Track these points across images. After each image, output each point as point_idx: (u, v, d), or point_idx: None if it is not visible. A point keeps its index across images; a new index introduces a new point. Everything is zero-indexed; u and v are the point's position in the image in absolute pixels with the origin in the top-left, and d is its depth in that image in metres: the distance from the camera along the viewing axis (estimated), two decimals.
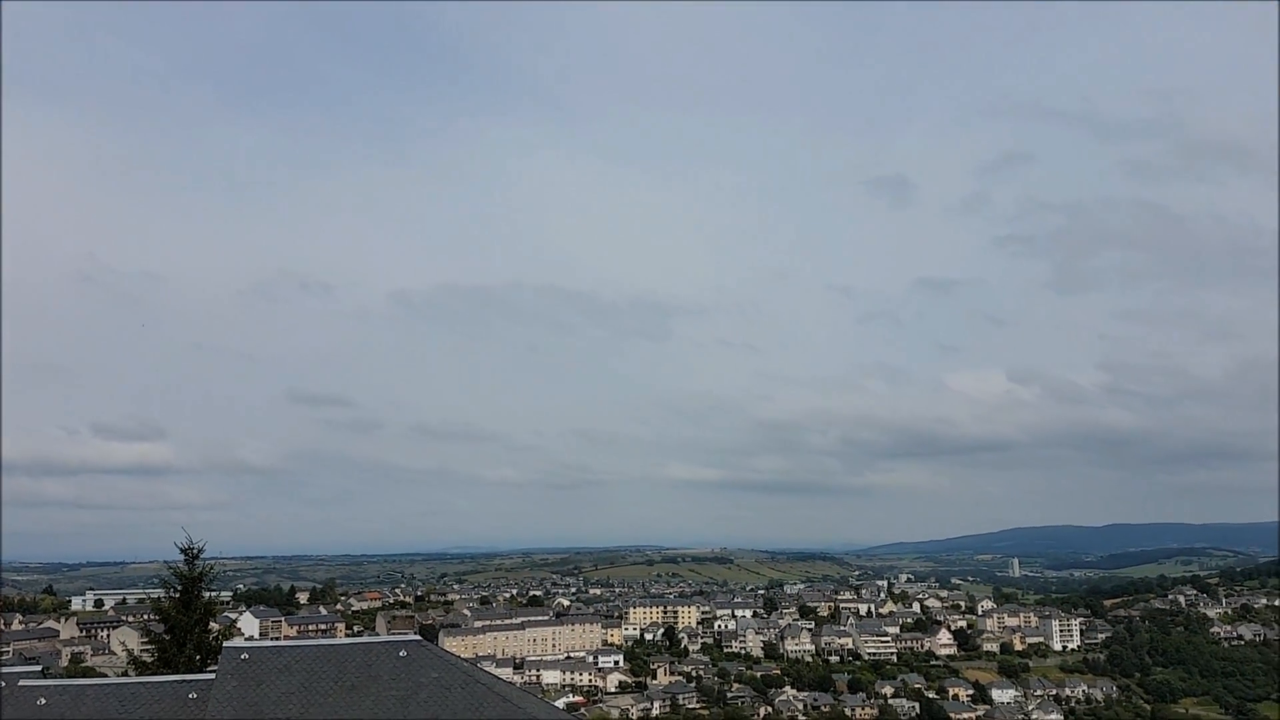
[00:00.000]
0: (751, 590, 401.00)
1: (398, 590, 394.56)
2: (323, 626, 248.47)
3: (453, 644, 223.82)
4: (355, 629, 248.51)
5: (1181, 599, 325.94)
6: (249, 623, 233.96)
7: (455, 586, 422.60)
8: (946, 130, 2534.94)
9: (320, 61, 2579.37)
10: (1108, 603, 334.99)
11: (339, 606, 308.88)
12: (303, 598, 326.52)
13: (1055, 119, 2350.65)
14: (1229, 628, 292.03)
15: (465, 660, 28.14)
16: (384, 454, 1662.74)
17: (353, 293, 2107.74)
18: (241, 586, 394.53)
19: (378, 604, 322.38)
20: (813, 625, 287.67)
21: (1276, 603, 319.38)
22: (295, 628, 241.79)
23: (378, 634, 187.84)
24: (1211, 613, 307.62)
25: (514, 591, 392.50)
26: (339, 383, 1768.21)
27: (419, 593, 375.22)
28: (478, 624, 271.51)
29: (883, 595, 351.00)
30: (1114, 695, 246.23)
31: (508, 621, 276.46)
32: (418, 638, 25.06)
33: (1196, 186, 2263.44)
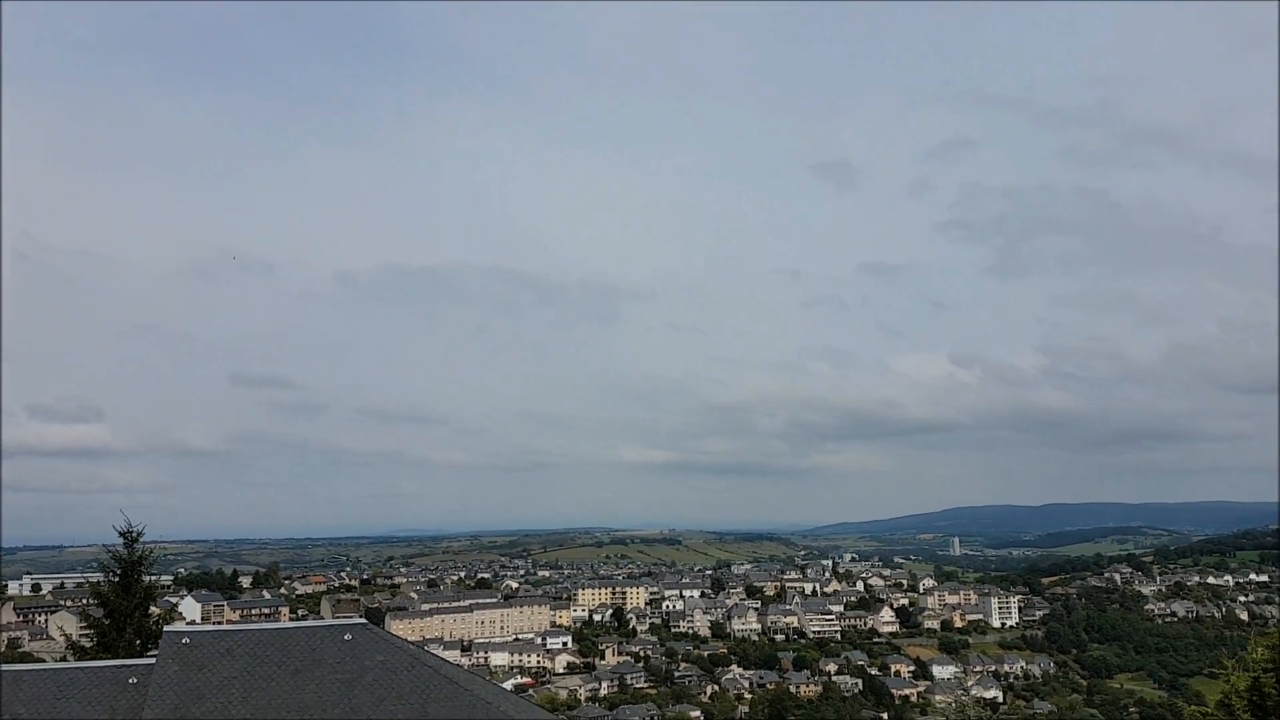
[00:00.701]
0: (699, 571, 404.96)
1: (343, 574, 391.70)
2: (266, 611, 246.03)
3: (399, 627, 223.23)
4: (300, 613, 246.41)
5: (1117, 577, 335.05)
6: (190, 607, 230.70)
7: (402, 570, 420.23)
8: (891, 116, 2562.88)
9: (265, 38, 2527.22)
10: (1045, 581, 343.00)
11: (283, 590, 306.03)
12: (246, 582, 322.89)
13: (996, 105, 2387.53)
14: (1163, 605, 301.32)
15: (412, 643, 28.32)
16: (329, 436, 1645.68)
17: (296, 272, 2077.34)
18: (183, 570, 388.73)
19: (323, 588, 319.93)
20: (759, 605, 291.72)
21: (1209, 580, 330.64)
22: (238, 612, 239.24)
23: (322, 618, 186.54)
24: (1146, 590, 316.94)
25: (462, 574, 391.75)
26: (283, 364, 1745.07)
27: (365, 576, 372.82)
28: (425, 607, 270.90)
29: (828, 575, 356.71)
30: (1051, 671, 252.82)
31: (455, 604, 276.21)
32: (363, 621, 25.12)
33: (1133, 173, 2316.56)
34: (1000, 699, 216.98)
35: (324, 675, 22.13)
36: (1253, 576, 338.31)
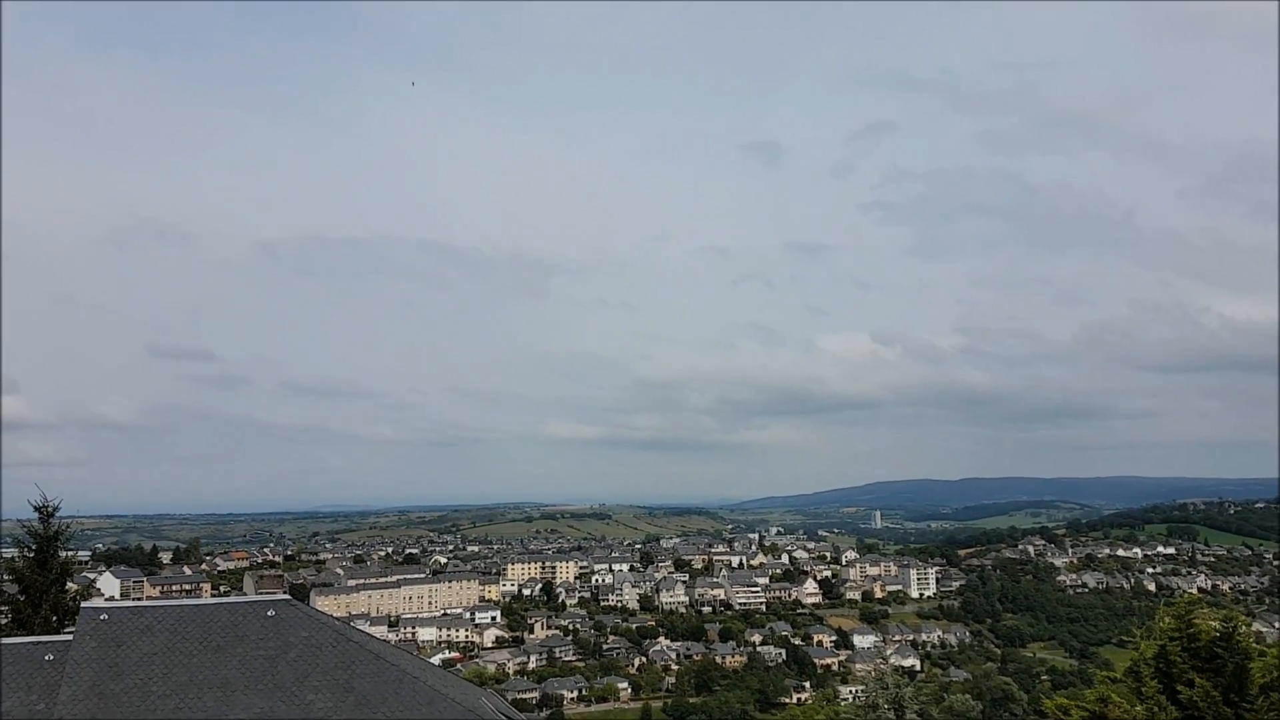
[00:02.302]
0: (629, 545, 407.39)
1: (266, 550, 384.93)
2: (187, 587, 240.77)
3: (325, 603, 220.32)
4: (222, 589, 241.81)
5: (1031, 549, 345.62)
6: (109, 583, 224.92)
7: (328, 546, 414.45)
8: (817, 98, 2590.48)
9: (183, 1, 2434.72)
10: (962, 552, 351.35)
11: (204, 566, 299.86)
12: (166, 558, 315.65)
13: (918, 89, 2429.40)
14: (1074, 576, 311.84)
15: (337, 619, 28.05)
16: (252, 411, 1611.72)
17: (215, 243, 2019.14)
18: (101, 546, 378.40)
19: (245, 564, 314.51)
20: (687, 578, 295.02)
21: (1119, 553, 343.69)
22: (158, 588, 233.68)
23: (245, 594, 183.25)
24: (1058, 562, 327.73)
25: (389, 550, 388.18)
26: (202, 336, 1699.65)
27: (289, 552, 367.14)
28: (351, 583, 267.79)
29: (754, 548, 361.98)
30: (967, 640, 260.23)
31: (383, 580, 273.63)
32: (287, 597, 24.81)
33: (1049, 158, 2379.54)
34: (918, 667, 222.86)
35: (246, 652, 21.88)
36: (1160, 549, 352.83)
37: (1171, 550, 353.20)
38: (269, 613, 23.18)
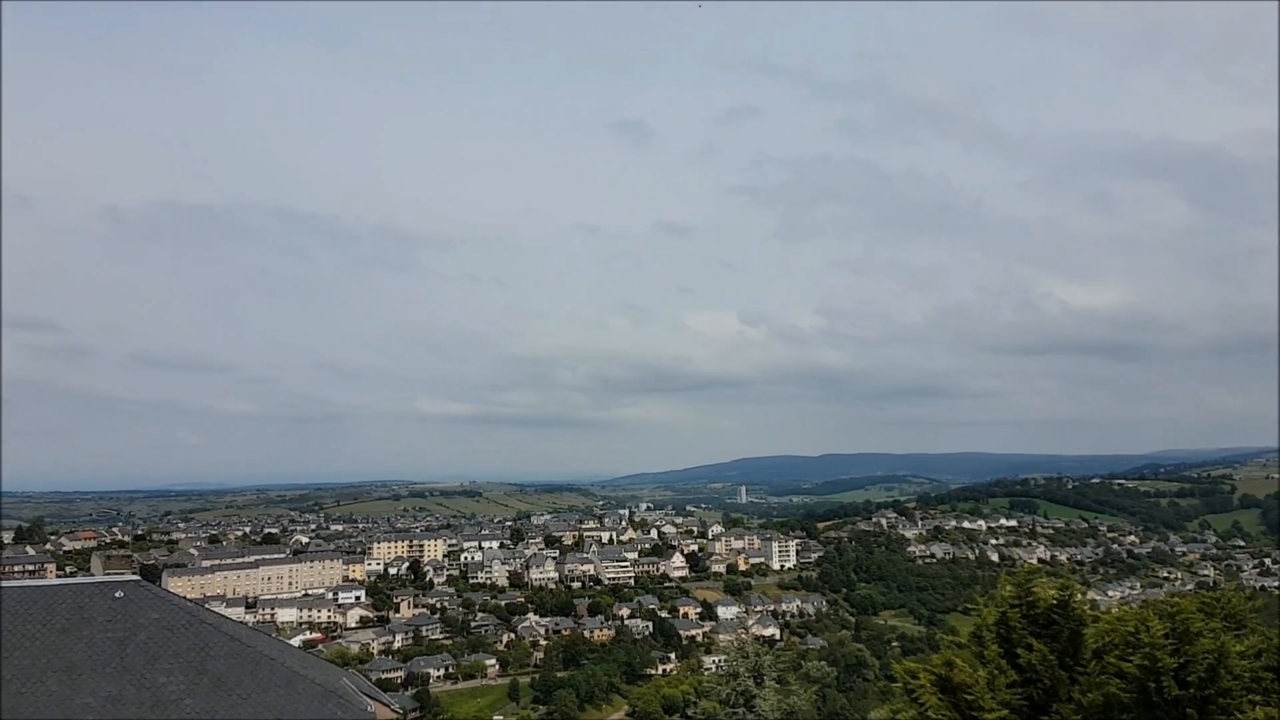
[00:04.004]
0: (499, 523, 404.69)
1: (115, 529, 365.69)
2: (30, 567, 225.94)
3: (177, 584, 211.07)
4: (67, 570, 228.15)
5: (884, 521, 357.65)
6: None
7: (181, 525, 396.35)
8: (684, 80, 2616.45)
9: None
10: (821, 525, 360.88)
11: (48, 546, 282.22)
12: (7, 537, 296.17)
13: (780, 76, 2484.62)
14: (923, 547, 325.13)
15: (191, 601, 26.95)
16: (98, 383, 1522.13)
17: (57, 208, 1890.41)
18: None
19: (92, 543, 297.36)
20: (558, 554, 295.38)
21: (965, 525, 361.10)
22: None
23: (92, 575, 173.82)
24: (909, 534, 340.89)
25: (247, 529, 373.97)
26: (44, 305, 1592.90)
27: (139, 531, 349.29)
28: (206, 563, 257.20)
29: (624, 524, 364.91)
30: (824, 609, 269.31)
31: (240, 560, 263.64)
32: (136, 578, 23.71)
33: (902, 147, 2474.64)
34: (777, 636, 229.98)
35: (93, 634, 20.86)
36: (1003, 521, 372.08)
37: (1014, 523, 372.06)
38: (117, 594, 22.19)
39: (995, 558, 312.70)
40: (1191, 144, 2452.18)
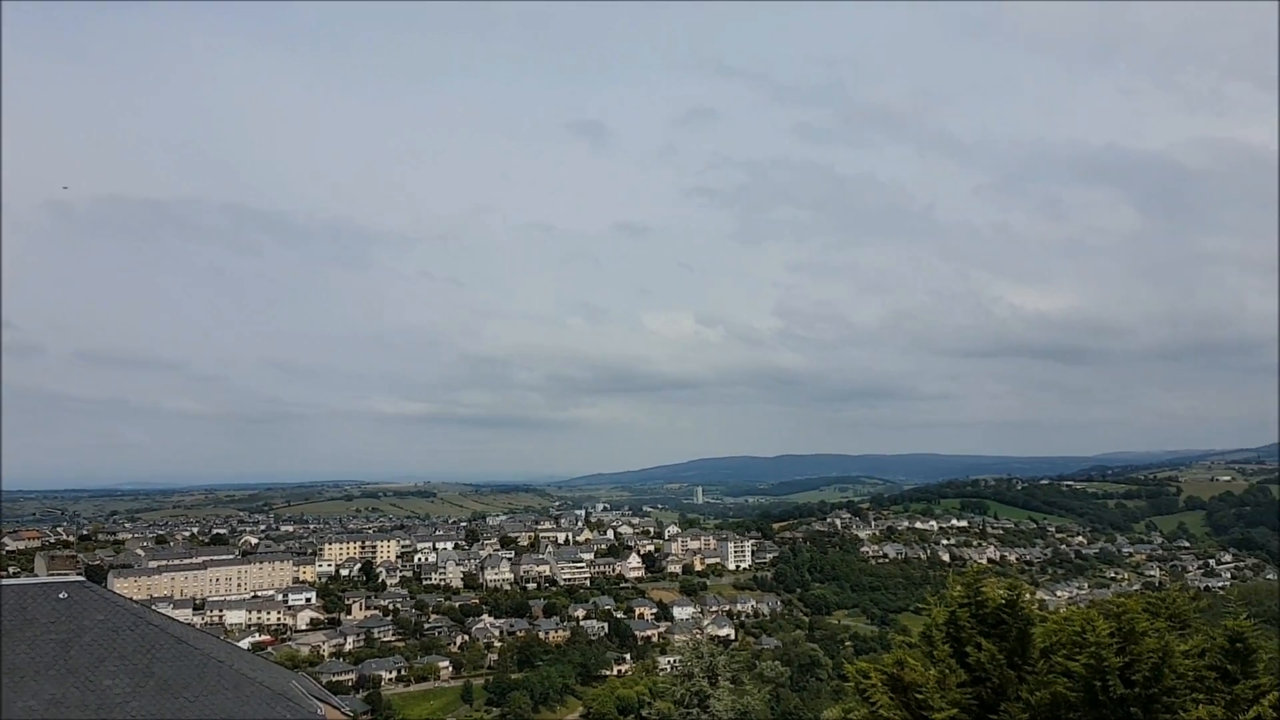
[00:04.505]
0: (454, 523, 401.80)
1: (59, 529, 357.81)
2: None
3: (123, 585, 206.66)
4: (10, 570, 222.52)
5: (838, 522, 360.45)
6: None
7: (127, 525, 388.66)
8: (642, 81, 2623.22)
9: None
10: (776, 526, 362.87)
11: None
12: None
13: (737, 79, 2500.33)
14: (876, 547, 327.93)
15: (137, 602, 26.44)
16: (42, 380, 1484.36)
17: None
18: None
19: (36, 543, 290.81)
20: (513, 555, 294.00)
21: (917, 525, 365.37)
22: None
23: (36, 575, 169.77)
24: (862, 534, 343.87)
25: (195, 530, 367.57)
26: None
27: (84, 531, 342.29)
28: (152, 564, 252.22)
29: (580, 524, 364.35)
30: (778, 609, 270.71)
31: (187, 561, 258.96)
32: (81, 579, 23.23)
33: (857, 152, 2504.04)
34: (732, 636, 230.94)
35: (37, 635, 20.38)
36: (954, 522, 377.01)
37: (964, 523, 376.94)
38: (61, 595, 21.73)
39: (946, 558, 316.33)
40: (1140, 151, 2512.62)
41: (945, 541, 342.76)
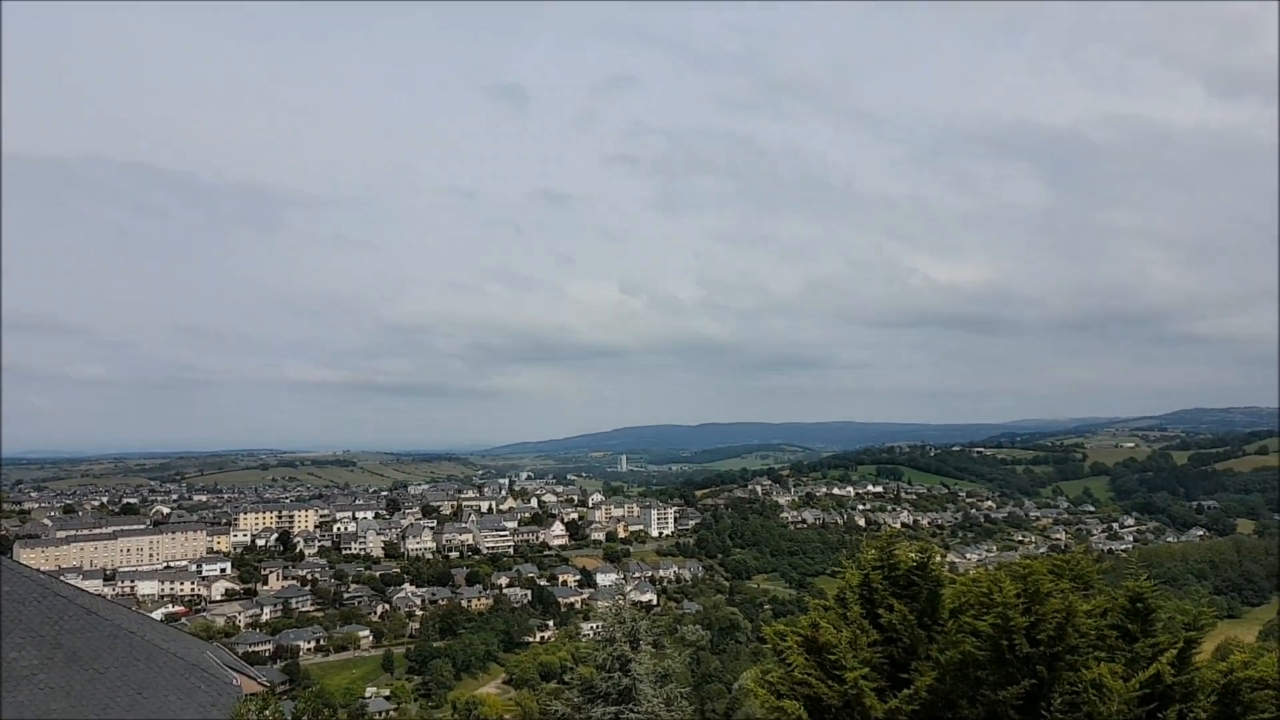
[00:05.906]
0: (375, 492, 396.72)
1: None
2: None
3: (30, 556, 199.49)
4: None
5: (759, 489, 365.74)
6: None
7: (33, 494, 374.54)
8: (561, 45, 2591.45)
9: None
10: (699, 493, 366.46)
11: None
12: None
13: (657, 46, 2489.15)
14: (795, 513, 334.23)
15: (44, 573, 25.55)
16: None
17: None
18: None
19: None
20: (435, 524, 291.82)
21: (834, 491, 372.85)
22: None
23: None
24: (782, 500, 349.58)
25: (104, 499, 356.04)
26: None
27: None
28: (60, 534, 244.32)
29: (504, 493, 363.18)
30: (700, 574, 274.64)
31: (97, 531, 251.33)
32: None
33: (776, 123, 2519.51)
34: (655, 601, 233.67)
35: None
36: (870, 487, 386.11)
37: (880, 489, 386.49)
38: None
39: (862, 522, 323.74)
40: (1048, 126, 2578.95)
41: (861, 507, 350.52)
